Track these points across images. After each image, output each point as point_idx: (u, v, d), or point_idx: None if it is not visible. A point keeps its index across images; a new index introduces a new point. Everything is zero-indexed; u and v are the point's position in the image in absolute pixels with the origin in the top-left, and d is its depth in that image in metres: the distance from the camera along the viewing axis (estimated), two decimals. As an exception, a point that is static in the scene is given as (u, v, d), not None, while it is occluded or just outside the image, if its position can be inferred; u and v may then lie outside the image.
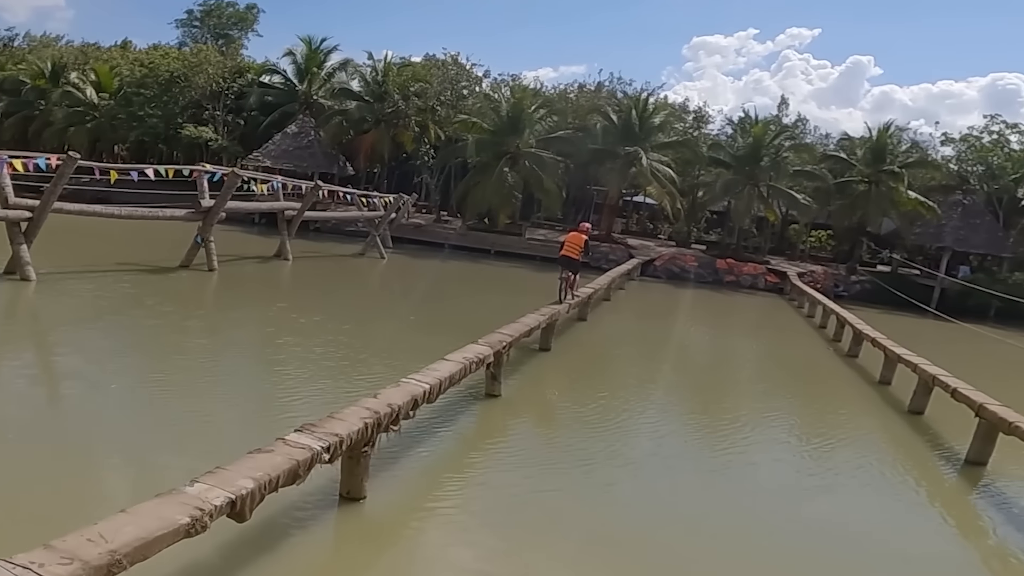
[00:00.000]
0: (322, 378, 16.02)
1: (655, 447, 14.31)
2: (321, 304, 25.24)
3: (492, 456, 12.70)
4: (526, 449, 13.20)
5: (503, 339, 15.46)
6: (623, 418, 16.03)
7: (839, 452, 15.46)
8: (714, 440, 15.15)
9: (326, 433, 8.70)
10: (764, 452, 14.85)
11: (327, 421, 9.09)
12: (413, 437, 12.15)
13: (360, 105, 54.88)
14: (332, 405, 9.97)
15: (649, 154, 49.32)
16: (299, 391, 14.55)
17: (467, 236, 50.69)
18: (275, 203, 35.38)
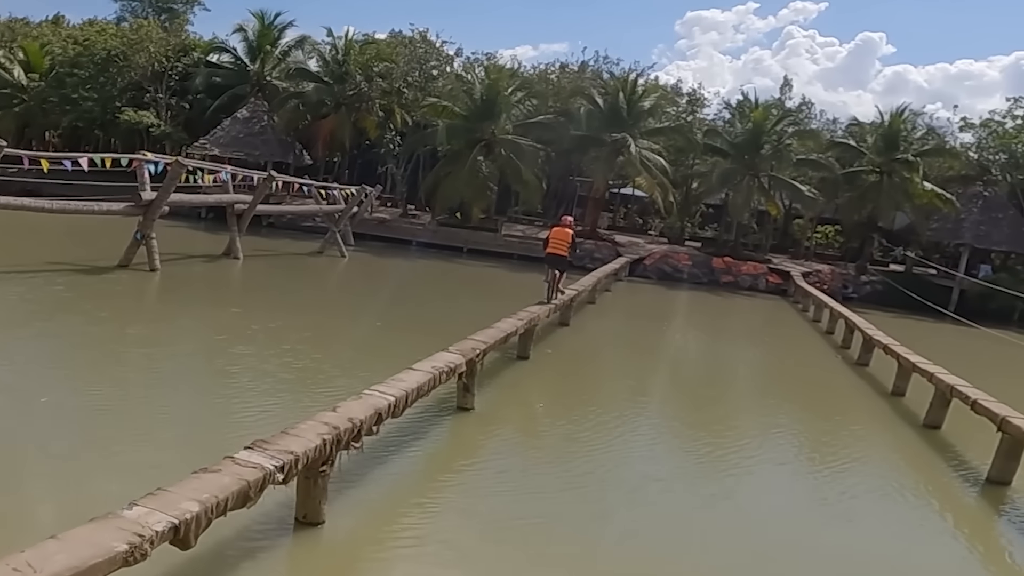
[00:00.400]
0: (279, 391, 15.91)
1: (652, 468, 14.22)
2: (277, 309, 25.12)
3: (465, 477, 12.64)
4: (504, 469, 13.10)
5: (476, 346, 15.47)
6: (614, 435, 15.97)
7: (852, 473, 15.45)
8: (716, 460, 15.11)
9: (279, 451, 8.68)
10: (771, 474, 14.89)
11: (281, 437, 9.08)
12: (377, 455, 12.13)
13: (318, 87, 54.82)
14: (289, 421, 9.96)
15: (638, 141, 49.53)
16: (253, 406, 14.46)
17: (437, 232, 50.77)
18: (224, 196, 35.25)
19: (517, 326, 19.05)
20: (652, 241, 55.88)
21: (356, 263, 40.29)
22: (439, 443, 13.98)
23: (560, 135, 51.59)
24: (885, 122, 53.46)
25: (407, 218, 53.84)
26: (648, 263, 49.67)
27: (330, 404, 10.71)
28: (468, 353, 14.80)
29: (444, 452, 13.72)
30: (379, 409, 10.78)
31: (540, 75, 60.44)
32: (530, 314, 20.71)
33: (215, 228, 40.91)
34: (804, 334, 34.70)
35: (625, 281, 45.26)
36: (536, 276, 31.37)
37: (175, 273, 29.08)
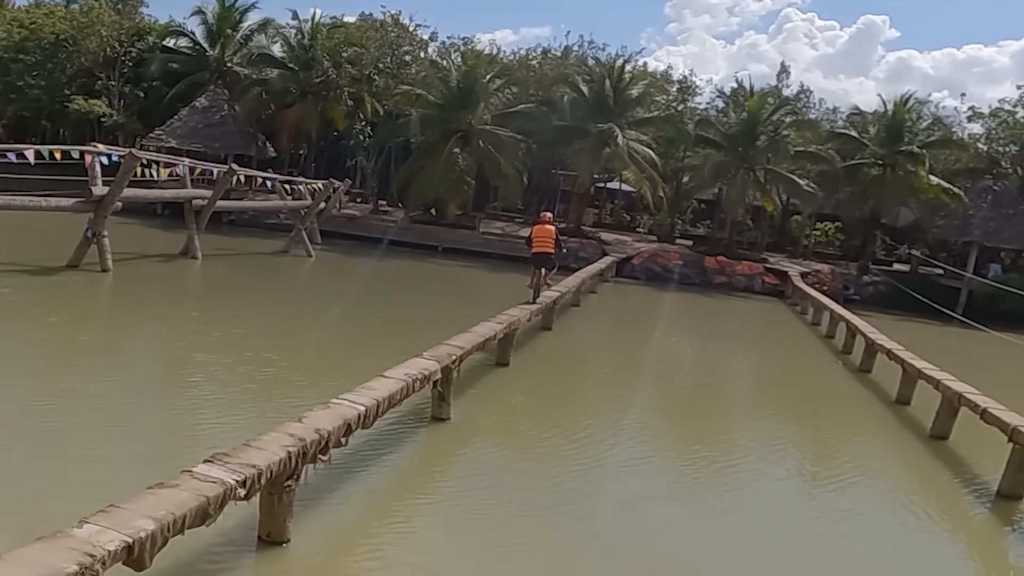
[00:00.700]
0: (243, 403, 15.77)
1: (644, 485, 14.11)
2: (239, 313, 25.09)
3: (441, 493, 12.63)
4: (484, 486, 13.01)
5: (452, 352, 15.47)
6: (602, 448, 15.96)
7: (856, 489, 15.43)
8: (712, 476, 15.05)
9: (241, 464, 8.64)
10: (772, 491, 14.86)
11: (242, 450, 9.04)
12: (345, 469, 12.10)
13: (283, 74, 54.59)
14: (253, 434, 9.83)
15: (626, 132, 49.65)
16: (214, 418, 14.40)
17: (410, 230, 50.75)
18: (181, 191, 35.08)
19: (496, 330, 19.04)
20: (640, 239, 56.10)
21: (323, 263, 40.29)
22: (412, 456, 13.97)
23: (542, 125, 51.57)
24: (889, 111, 53.54)
25: (378, 215, 53.83)
26: (636, 263, 49.79)
27: (297, 415, 10.66)
28: (443, 359, 14.79)
29: (418, 466, 13.71)
30: (348, 420, 10.76)
31: (521, 61, 60.61)
32: (510, 317, 20.72)
33: (172, 225, 40.70)
34: (803, 338, 34.86)
35: (612, 282, 45.39)
36: (517, 276, 31.50)
37: (129, 274, 28.99)
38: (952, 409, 18.40)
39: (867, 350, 26.85)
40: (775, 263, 51.55)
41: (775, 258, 53.44)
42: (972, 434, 17.78)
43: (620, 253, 49.63)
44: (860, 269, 51.89)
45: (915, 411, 21.17)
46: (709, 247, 53.29)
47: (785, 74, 61.36)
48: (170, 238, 36.95)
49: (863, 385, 24.98)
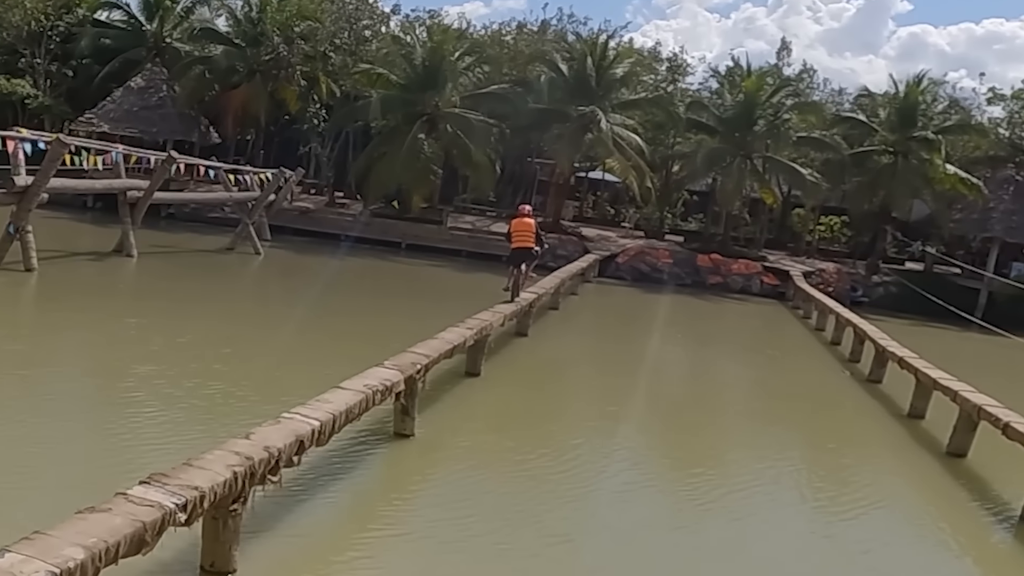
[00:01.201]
0: (190, 420, 15.57)
1: (638, 514, 13.98)
2: (182, 318, 24.87)
3: (404, 520, 12.56)
4: (452, 513, 12.90)
5: (417, 360, 15.46)
6: (589, 471, 15.86)
7: (867, 515, 15.26)
8: (716, 502, 14.95)
9: (181, 486, 8.59)
10: (782, 519, 14.78)
11: (183, 470, 8.99)
12: (298, 491, 12.08)
13: (228, 51, 54.45)
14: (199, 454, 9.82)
15: (609, 115, 49.79)
16: (156, 438, 14.23)
17: (370, 225, 50.75)
18: (114, 181, 34.91)
19: (465, 336, 19.01)
20: (626, 235, 56.08)
21: (274, 262, 40.27)
22: (373, 477, 13.97)
23: (517, 108, 51.68)
24: (900, 93, 53.64)
25: (334, 208, 53.73)
26: (621, 261, 49.93)
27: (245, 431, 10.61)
28: (407, 368, 14.79)
29: (380, 488, 13.70)
30: (301, 436, 10.73)
31: (493, 37, 60.73)
32: (481, 322, 20.68)
33: (104, 220, 40.61)
34: (806, 345, 35.06)
35: (594, 282, 45.47)
36: (488, 277, 31.55)
37: (56, 274, 28.87)
38: (971, 423, 18.44)
39: (877, 358, 26.95)
40: (775, 262, 51.74)
41: (775, 256, 53.58)
42: (993, 451, 17.86)
43: (603, 250, 49.74)
44: (869, 268, 52.12)
45: (930, 426, 21.27)
46: (702, 244, 53.45)
47: (786, 51, 61.75)
48: (102, 234, 36.88)
49: (872, 397, 25.07)
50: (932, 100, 54.38)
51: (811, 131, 53.85)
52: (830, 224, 59.61)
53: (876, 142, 53.29)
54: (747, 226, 59.05)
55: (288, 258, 42.09)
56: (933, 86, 54.53)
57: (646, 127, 54.27)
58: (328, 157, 57.39)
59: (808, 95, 58.74)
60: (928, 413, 21.90)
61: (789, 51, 62.28)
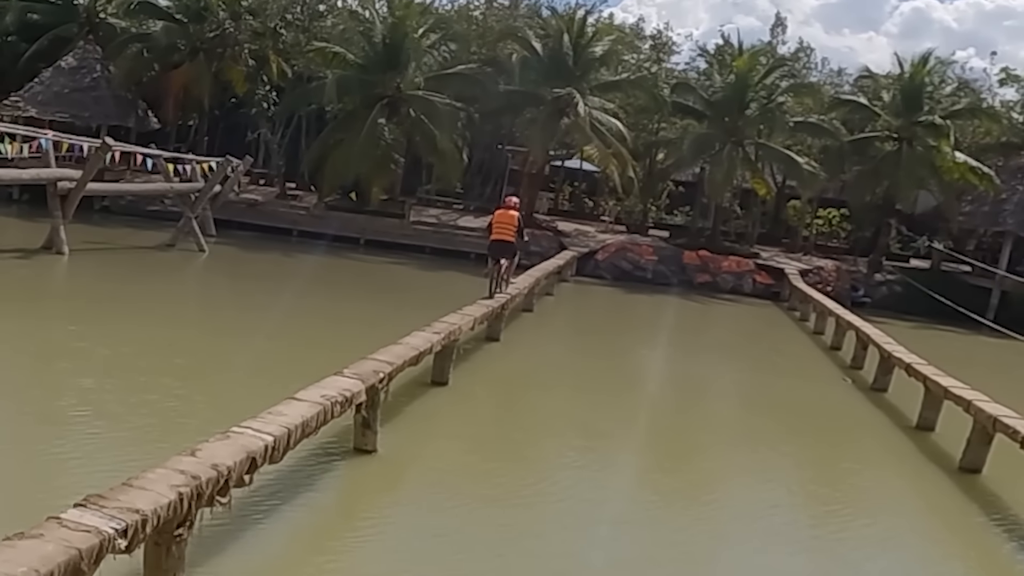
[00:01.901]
0: (136, 438, 15.29)
1: (620, 543, 13.79)
2: (123, 323, 24.50)
3: (363, 542, 12.52)
4: (416, 536, 12.87)
5: (380, 368, 15.35)
6: (565, 492, 15.72)
7: (883, 547, 15.05)
8: (703, 534, 14.72)
9: (121, 508, 8.44)
10: (774, 555, 14.44)
11: (123, 491, 8.84)
12: (248, 513, 11.98)
13: (168, 27, 54.13)
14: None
15: (588, 98, 49.67)
16: (95, 457, 13.97)
17: (325, 219, 50.58)
18: (43, 171, 34.43)
19: (432, 342, 18.89)
20: (606, 229, 56.21)
21: (220, 259, 40.06)
22: (330, 497, 13.86)
23: (486, 91, 51.88)
24: (905, 74, 53.62)
25: (285, 200, 53.61)
26: (601, 258, 49.99)
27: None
28: (368, 377, 14.68)
29: (336, 508, 13.64)
30: (252, 452, 10.60)
31: (460, 12, 60.65)
32: (448, 326, 20.58)
33: (31, 213, 40.33)
34: (803, 350, 35.19)
35: (571, 281, 45.44)
36: (456, 275, 31.50)
37: (-23, 274, 28.67)
38: (986, 436, 18.41)
39: (881, 364, 26.98)
40: (768, 259, 51.97)
41: (768, 252, 53.80)
42: (1010, 466, 17.89)
43: (581, 247, 49.81)
44: (871, 266, 52.24)
45: (941, 438, 21.28)
46: (689, 239, 53.46)
47: (781, 28, 62.15)
48: (29, 229, 36.53)
49: (877, 407, 25.09)
50: (940, 81, 54.59)
51: (808, 115, 53.98)
52: (828, 217, 59.38)
53: (878, 127, 53.55)
54: (738, 220, 58.98)
55: (235, 255, 41.86)
56: (941, 66, 54.82)
57: (627, 111, 54.39)
58: (279, 144, 57.06)
59: (805, 76, 58.86)
60: (938, 425, 21.89)
61: (784, 28, 62.75)
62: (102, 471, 12.84)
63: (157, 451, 13.28)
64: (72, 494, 8.79)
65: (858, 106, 54.71)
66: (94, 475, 12.71)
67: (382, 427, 15.64)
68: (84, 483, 12.02)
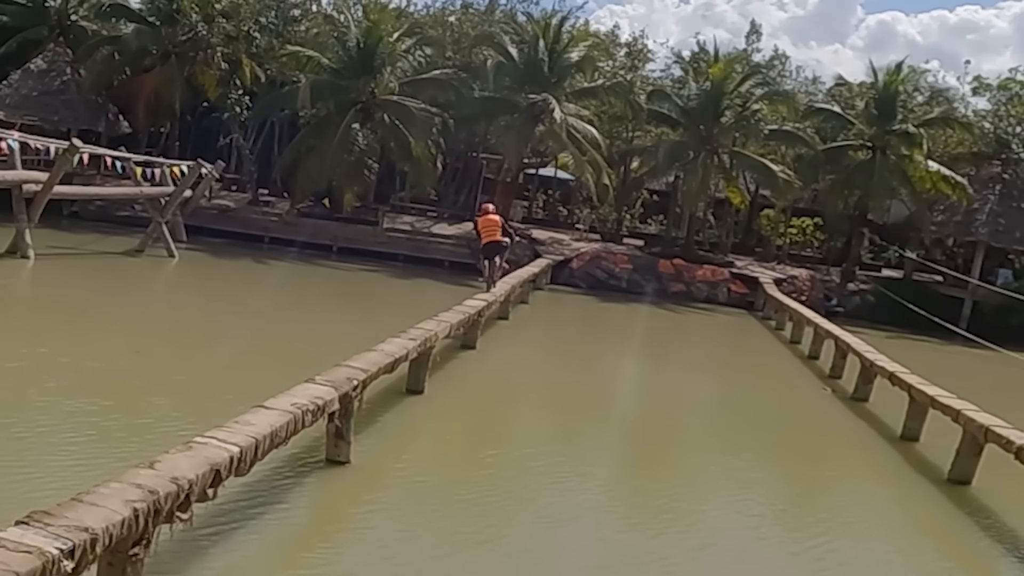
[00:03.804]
0: (95, 452, 14.56)
1: (594, 553, 13.58)
2: (89, 331, 23.93)
3: (336, 559, 12.16)
4: (391, 552, 12.50)
5: (353, 376, 14.87)
6: (539, 508, 15.31)
7: (871, 563, 14.77)
8: (673, 549, 14.25)
9: (68, 526, 7.83)
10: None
11: (71, 507, 8.24)
12: (211, 531, 11.47)
13: (140, 30, 53.56)
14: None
15: (563, 105, 49.44)
16: (49, 472, 13.25)
17: (298, 225, 50.33)
18: (7, 173, 33.95)
19: (407, 348, 18.45)
20: (580, 238, 55.71)
21: (190, 266, 39.61)
22: (300, 512, 13.41)
23: (461, 96, 51.79)
24: (879, 82, 53.36)
25: (258, 206, 53.11)
26: (576, 267, 49.73)
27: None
28: (342, 385, 14.18)
29: (307, 524, 13.22)
30: (216, 465, 10.03)
31: (436, 17, 60.38)
32: (424, 332, 20.18)
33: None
34: (780, 360, 34.94)
35: (546, 290, 45.28)
36: (429, 283, 31.27)
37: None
38: (976, 447, 18.12)
39: (863, 374, 26.64)
40: (743, 268, 51.70)
41: (742, 261, 53.59)
42: (1000, 477, 17.66)
43: (556, 255, 49.53)
44: (844, 275, 52.00)
45: (926, 449, 21.05)
46: (663, 248, 53.23)
47: (756, 35, 61.85)
48: (-8, 233, 35.93)
49: (859, 417, 24.80)
50: (913, 90, 54.88)
51: (782, 124, 53.89)
52: (802, 227, 59.04)
53: (852, 136, 53.34)
54: (710, 229, 58.84)
55: (206, 262, 41.46)
56: (914, 75, 54.98)
57: (602, 119, 54.33)
58: (251, 150, 56.75)
59: (780, 84, 58.71)
60: (923, 435, 21.61)
61: (759, 35, 62.55)
62: (50, 486, 12.26)
63: (114, 464, 12.70)
64: (14, 510, 8.22)
65: (832, 115, 54.56)
66: (40, 490, 12.12)
67: (355, 437, 15.21)
68: (28, 498, 11.43)
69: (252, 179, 56.06)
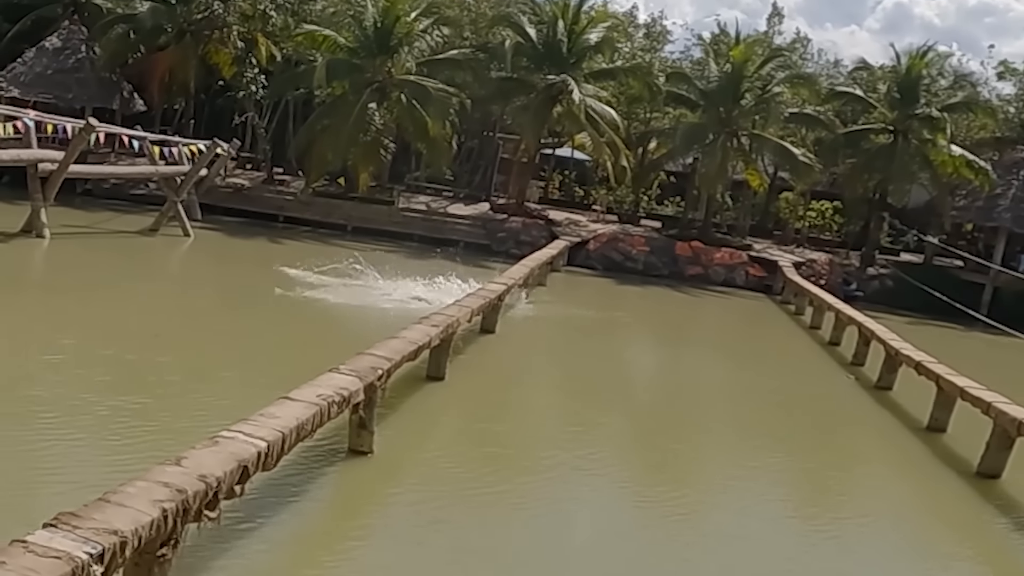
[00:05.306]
0: (116, 446, 14.14)
1: (618, 546, 13.27)
2: (104, 313, 23.64)
3: (359, 555, 11.93)
4: (417, 546, 12.32)
5: (378, 364, 14.62)
6: (566, 496, 15.13)
7: (899, 560, 14.56)
8: (694, 543, 14.15)
9: (97, 529, 7.62)
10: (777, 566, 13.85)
11: (98, 508, 8.02)
12: (232, 524, 11.16)
13: (155, 8, 53.33)
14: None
15: (582, 86, 49.18)
16: (71, 469, 12.94)
17: (312, 205, 50.33)
18: (23, 152, 33.86)
19: (430, 335, 18.24)
20: (597, 219, 55.59)
21: (205, 245, 39.62)
22: (323, 504, 13.24)
23: (478, 76, 51.58)
24: (902, 66, 53.05)
25: (272, 185, 53.06)
26: (592, 248, 49.50)
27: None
28: (366, 374, 13.93)
29: (330, 517, 13.07)
30: (243, 461, 9.80)
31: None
32: (446, 318, 19.97)
33: (10, 196, 39.67)
34: (801, 345, 34.76)
35: (563, 272, 45.06)
36: (444, 263, 31.08)
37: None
38: (1007, 440, 17.89)
39: (887, 362, 26.36)
40: (761, 251, 51.42)
41: (760, 244, 53.32)
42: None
43: (573, 236, 49.32)
44: (864, 259, 51.64)
45: (953, 440, 20.82)
46: (681, 230, 53.00)
47: (777, 18, 61.47)
48: (9, 212, 35.86)
49: (884, 406, 24.56)
50: (937, 74, 54.26)
51: (803, 107, 53.56)
52: (821, 210, 58.58)
53: (873, 120, 53.05)
54: (727, 211, 58.61)
55: (221, 241, 41.43)
56: (938, 59, 54.42)
57: (620, 100, 54.07)
58: (266, 129, 56.61)
59: (801, 67, 58.35)
60: (950, 426, 21.37)
61: (780, 18, 62.29)
62: (75, 484, 11.91)
63: (138, 459, 12.47)
64: (40, 512, 8.01)
65: (853, 98, 54.27)
66: (59, 487, 12.01)
67: (378, 425, 14.95)
68: (47, 496, 11.43)
69: (267, 158, 55.96)
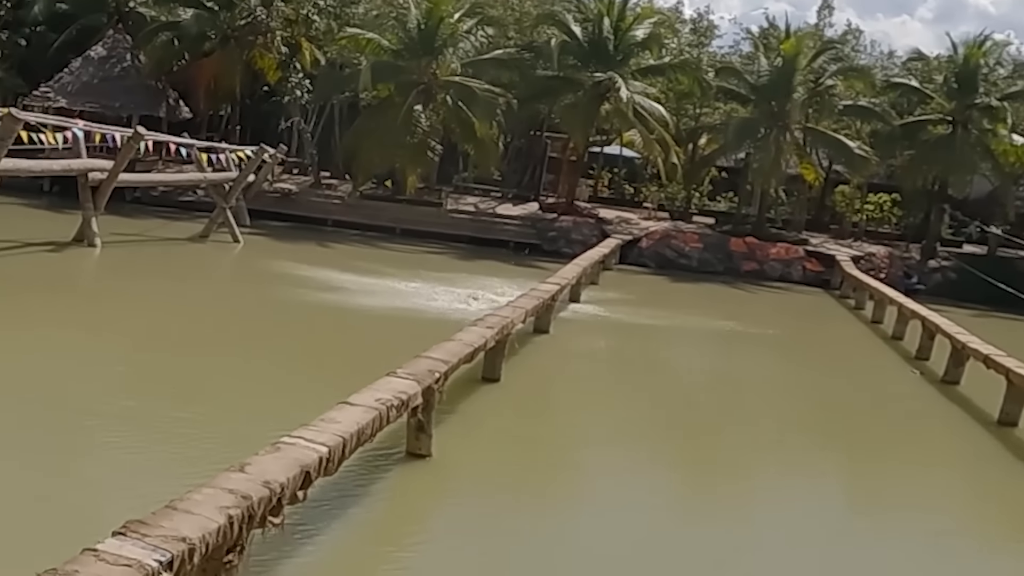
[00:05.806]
0: (180, 455, 14.13)
1: (676, 553, 13.20)
2: (161, 324, 23.64)
3: (420, 560, 11.90)
4: (480, 551, 12.35)
5: (435, 368, 14.71)
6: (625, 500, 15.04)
7: (978, 565, 14.39)
8: (754, 546, 13.87)
9: (165, 536, 7.72)
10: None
11: (165, 516, 8.13)
12: (296, 527, 11.25)
13: (199, 15, 53.91)
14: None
15: (630, 83, 49.14)
16: (139, 475, 13.04)
17: (360, 208, 50.43)
18: (74, 162, 34.07)
19: (486, 336, 18.32)
20: (648, 216, 55.56)
21: (254, 250, 39.74)
22: (383, 508, 13.31)
23: (524, 76, 51.56)
24: (959, 56, 52.70)
25: (319, 189, 53.27)
26: (644, 246, 49.44)
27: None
28: (424, 378, 14.03)
29: (390, 521, 13.14)
30: (306, 466, 9.92)
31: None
32: (501, 319, 20.04)
33: (62, 205, 40.27)
34: (864, 341, 34.59)
35: (615, 270, 44.92)
36: (494, 264, 31.00)
37: (7, 268, 28.20)
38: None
39: (953, 356, 26.12)
40: (817, 245, 51.18)
41: (816, 239, 53.03)
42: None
43: (624, 234, 49.21)
44: (924, 252, 51.30)
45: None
46: (734, 226, 52.87)
47: (828, 10, 61.11)
48: (60, 221, 36.28)
49: (952, 401, 24.37)
50: (995, 63, 53.89)
51: (857, 99, 53.26)
52: (879, 203, 57.97)
53: (930, 111, 52.64)
54: (782, 206, 58.29)
55: (269, 246, 41.49)
56: (996, 47, 53.90)
57: (668, 96, 53.96)
58: (312, 133, 56.78)
59: (853, 59, 57.98)
60: (1022, 420, 21.17)
61: (831, 10, 61.88)
62: (141, 491, 11.77)
63: (202, 467, 12.33)
64: (109, 520, 8.06)
65: (909, 89, 53.97)
66: (123, 495, 11.99)
67: (435, 428, 14.97)
68: (112, 504, 11.39)
69: (313, 162, 56.11)
